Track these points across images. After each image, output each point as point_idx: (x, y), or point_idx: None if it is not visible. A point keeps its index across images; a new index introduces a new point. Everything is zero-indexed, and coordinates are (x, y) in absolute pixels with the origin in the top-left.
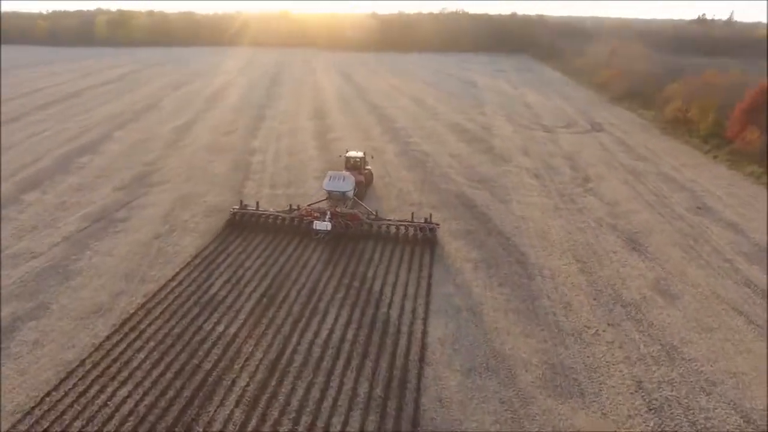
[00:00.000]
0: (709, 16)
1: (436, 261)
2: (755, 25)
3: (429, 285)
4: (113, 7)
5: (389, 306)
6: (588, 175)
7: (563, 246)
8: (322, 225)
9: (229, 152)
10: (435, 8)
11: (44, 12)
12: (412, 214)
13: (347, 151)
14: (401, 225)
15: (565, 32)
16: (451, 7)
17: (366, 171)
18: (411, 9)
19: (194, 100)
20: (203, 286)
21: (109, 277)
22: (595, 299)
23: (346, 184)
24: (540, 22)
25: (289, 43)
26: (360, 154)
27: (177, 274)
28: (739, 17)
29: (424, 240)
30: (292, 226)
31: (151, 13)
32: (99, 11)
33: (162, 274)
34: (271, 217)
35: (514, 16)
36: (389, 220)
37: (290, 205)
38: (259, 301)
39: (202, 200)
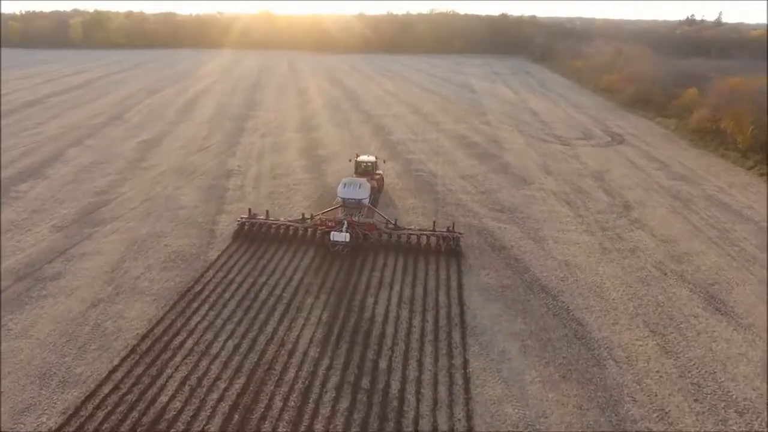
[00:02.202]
0: (688, 17)
1: (469, 334)
2: (738, 26)
3: (467, 380)
4: (101, 7)
5: (415, 424)
6: (627, 200)
7: (628, 308)
8: (340, 236)
9: (201, 175)
10: (425, 8)
11: (18, 13)
12: (434, 222)
13: (357, 156)
14: (423, 234)
15: (558, 33)
16: (442, 8)
17: (378, 176)
18: (400, 9)
19: (166, 109)
20: (148, 394)
21: (16, 378)
22: (697, 400)
23: (362, 191)
24: (532, 22)
25: (274, 46)
26: (372, 158)
27: (114, 370)
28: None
29: (447, 252)
30: (305, 238)
31: (129, 15)
32: (76, 12)
33: (93, 371)
34: (282, 227)
35: (505, 16)
36: (410, 228)
37: (303, 214)
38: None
39: (161, 244)
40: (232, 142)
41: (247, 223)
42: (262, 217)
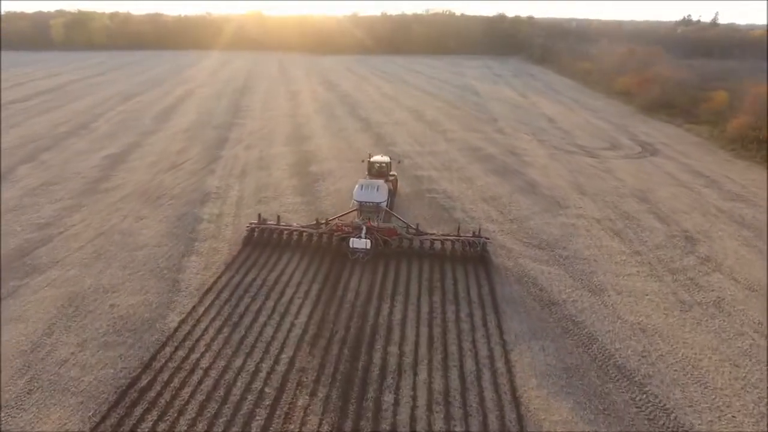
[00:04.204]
0: (684, 17)
1: None
2: (730, 26)
3: None
4: (94, 8)
5: None
6: (686, 229)
7: (746, 403)
8: (360, 243)
9: (171, 201)
10: (420, 9)
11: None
12: (458, 227)
13: (370, 156)
14: (447, 240)
15: (557, 33)
16: (437, 8)
17: (392, 178)
18: (395, 10)
19: (141, 117)
20: None
21: None
22: None
23: (380, 194)
24: (530, 23)
25: (264, 47)
26: (386, 159)
27: None
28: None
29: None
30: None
31: (114, 15)
32: (59, 12)
33: None
34: (296, 233)
35: (502, 17)
36: (432, 234)
37: (317, 219)
38: None
39: (106, 304)
40: (211, 156)
41: (257, 229)
42: (272, 222)
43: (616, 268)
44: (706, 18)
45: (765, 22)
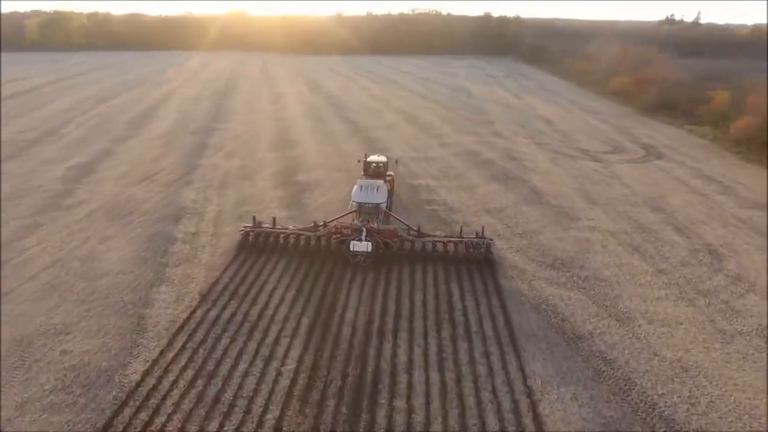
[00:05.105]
0: (667, 16)
1: None
2: (709, 26)
3: None
4: (80, 8)
5: None
6: (708, 243)
7: None
8: (361, 246)
9: (141, 218)
10: (406, 8)
11: None
12: (461, 228)
13: (366, 156)
14: (450, 241)
15: (547, 33)
16: (424, 7)
17: (389, 178)
18: (380, 10)
19: (115, 121)
20: None
21: None
22: None
23: (380, 194)
24: (517, 22)
25: (247, 47)
26: (383, 158)
27: None
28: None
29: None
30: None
31: (93, 15)
32: (34, 13)
33: None
34: (293, 236)
35: (489, 16)
36: (434, 235)
37: (314, 222)
38: None
39: (57, 350)
40: (189, 164)
41: (251, 233)
42: (268, 225)
43: (642, 291)
44: (688, 18)
45: (744, 22)
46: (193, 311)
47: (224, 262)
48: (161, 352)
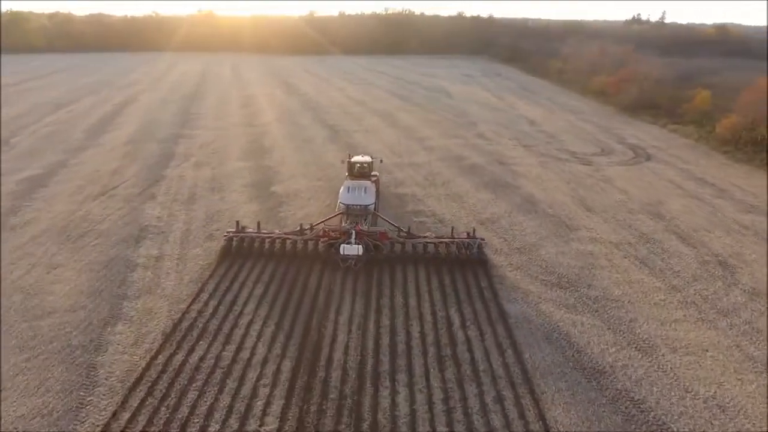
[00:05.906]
0: (634, 16)
1: None
2: (672, 25)
3: None
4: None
5: None
6: (717, 253)
7: None
8: (352, 249)
9: (97, 240)
10: (379, 8)
11: None
12: (452, 228)
13: (350, 156)
14: (441, 242)
15: (522, 33)
16: (396, 7)
17: (374, 178)
18: (353, 9)
19: (73, 129)
20: None
21: None
22: None
23: (368, 196)
24: (490, 22)
25: (216, 48)
26: (367, 158)
27: None
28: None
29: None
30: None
31: (54, 15)
32: None
33: None
34: (278, 240)
35: (462, 17)
36: (425, 236)
37: (300, 225)
38: None
39: None
40: (153, 176)
41: (235, 239)
42: (252, 229)
43: (659, 313)
44: (654, 17)
45: (705, 21)
46: (154, 356)
47: (192, 291)
48: (114, 414)
